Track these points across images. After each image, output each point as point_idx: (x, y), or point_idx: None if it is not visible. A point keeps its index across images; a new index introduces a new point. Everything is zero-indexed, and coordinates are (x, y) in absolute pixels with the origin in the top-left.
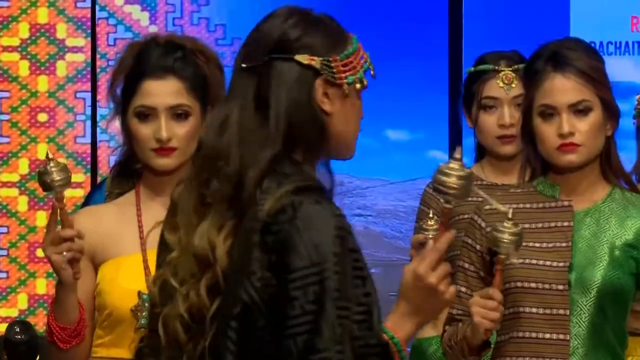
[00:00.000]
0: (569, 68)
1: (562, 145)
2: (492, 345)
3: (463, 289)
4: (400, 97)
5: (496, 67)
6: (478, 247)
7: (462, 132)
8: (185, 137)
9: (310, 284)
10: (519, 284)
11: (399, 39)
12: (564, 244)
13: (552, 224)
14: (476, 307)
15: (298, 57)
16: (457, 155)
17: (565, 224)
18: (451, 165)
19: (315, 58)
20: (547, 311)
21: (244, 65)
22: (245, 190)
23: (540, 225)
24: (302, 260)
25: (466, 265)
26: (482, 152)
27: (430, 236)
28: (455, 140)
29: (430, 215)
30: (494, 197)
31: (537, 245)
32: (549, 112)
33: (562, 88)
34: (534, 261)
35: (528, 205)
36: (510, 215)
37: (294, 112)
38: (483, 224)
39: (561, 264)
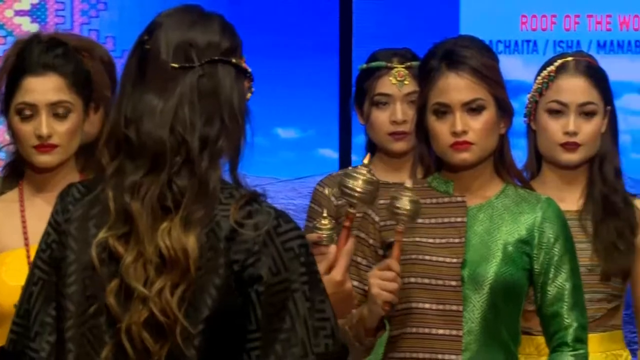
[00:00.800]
0: (463, 66)
1: (456, 144)
2: (387, 329)
3: (356, 283)
4: (290, 95)
5: (389, 64)
6: (371, 241)
7: (351, 130)
8: (66, 134)
9: (275, 294)
10: (412, 280)
11: (288, 37)
12: (457, 240)
13: (446, 220)
14: (374, 279)
15: (234, 60)
16: (366, 161)
17: (459, 219)
18: (360, 170)
19: (242, 61)
20: (440, 307)
21: (175, 65)
22: (209, 188)
23: (433, 220)
24: (267, 270)
25: (359, 260)
26: (373, 149)
27: (324, 236)
28: (345, 139)
29: (324, 214)
30: (389, 192)
31: (431, 241)
32: (443, 110)
33: (456, 86)
34: (427, 257)
35: (422, 201)
36: (408, 185)
37: (237, 112)
38: (377, 218)
39: (454, 260)
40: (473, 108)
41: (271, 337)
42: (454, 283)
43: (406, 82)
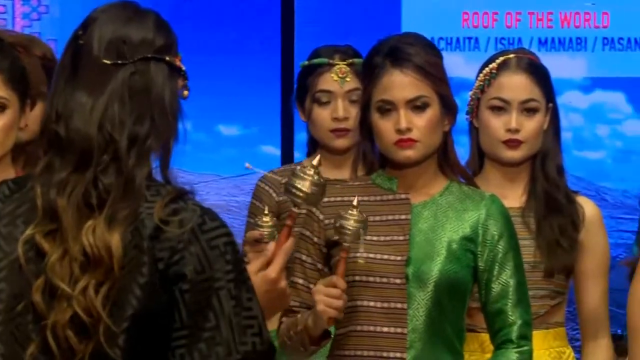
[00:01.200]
0: (407, 64)
1: (400, 141)
2: (332, 335)
3: (300, 281)
4: (232, 92)
5: (330, 61)
6: (316, 239)
7: (294, 127)
8: (2, 130)
9: (200, 292)
10: (357, 278)
11: (230, 33)
12: (401, 238)
13: (390, 217)
14: (320, 296)
15: (168, 58)
16: (315, 162)
17: (403, 217)
18: (308, 171)
19: (177, 59)
20: (385, 305)
21: (107, 61)
22: (135, 186)
23: (378, 218)
24: (191, 269)
25: (304, 258)
26: (314, 146)
27: (266, 233)
28: (287, 135)
29: (266, 212)
30: (333, 190)
31: (375, 238)
32: (387, 108)
33: (400, 83)
34: (372, 255)
35: (366, 198)
36: (355, 203)
37: (168, 111)
38: (321, 217)
39: (399, 258)
40: (417, 105)
41: (196, 336)
42: (398, 281)
43: (348, 79)
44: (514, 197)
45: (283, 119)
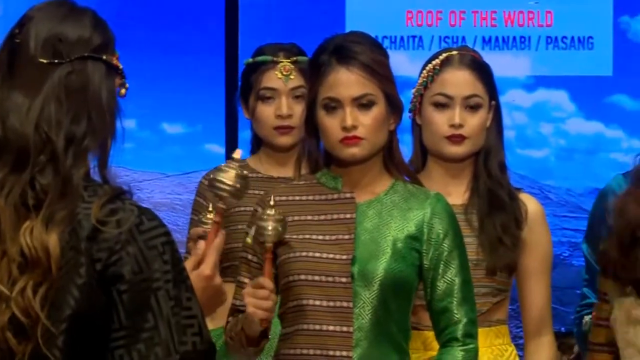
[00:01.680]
0: (353, 62)
1: (345, 139)
2: (269, 336)
3: (246, 281)
4: (176, 90)
5: (275, 59)
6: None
7: (238, 125)
8: None
9: (138, 293)
10: (302, 277)
11: (174, 31)
12: (346, 237)
13: (335, 216)
14: (249, 297)
15: (105, 57)
16: (236, 156)
17: (348, 216)
18: (230, 164)
19: (115, 58)
20: (331, 304)
21: (43, 60)
22: (73, 186)
23: (323, 217)
24: (129, 269)
25: (249, 257)
26: (259, 144)
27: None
28: (231, 133)
29: (210, 209)
30: (279, 189)
31: (320, 237)
32: (333, 105)
33: (346, 81)
34: (317, 254)
35: (311, 197)
36: (272, 203)
37: (106, 110)
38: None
39: (344, 257)
40: (363, 103)
41: (134, 337)
42: (344, 280)
43: (292, 77)
44: (457, 195)
45: (227, 117)
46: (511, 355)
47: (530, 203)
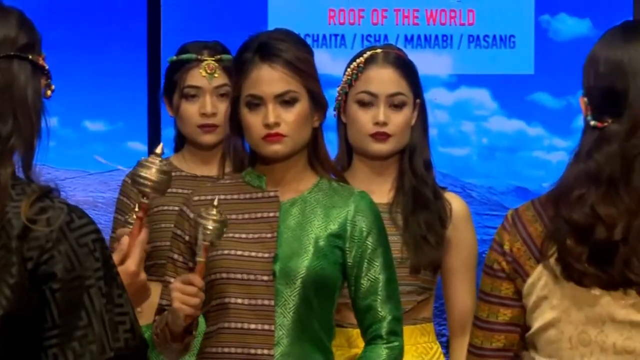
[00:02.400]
0: (276, 59)
1: (268, 136)
2: (194, 333)
3: (172, 280)
4: (97, 88)
5: (199, 57)
6: (187, 237)
7: (160, 123)
8: None
9: (71, 291)
10: (224, 275)
11: (95, 29)
12: (269, 235)
13: (259, 215)
14: (176, 293)
15: (31, 57)
16: (158, 151)
17: (271, 214)
18: (152, 159)
19: (41, 58)
20: (253, 302)
21: None
22: (0, 186)
23: (246, 216)
24: (61, 267)
25: (175, 256)
26: (182, 142)
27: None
28: (154, 131)
29: (136, 209)
30: (204, 188)
31: (244, 236)
32: (256, 102)
33: (269, 78)
34: (240, 252)
35: (235, 196)
36: (215, 203)
37: (31, 110)
38: (192, 215)
39: (266, 255)
40: (286, 100)
41: (68, 335)
42: (265, 278)
43: (216, 75)
44: (382, 193)
45: (150, 114)
46: (436, 353)
47: (455, 202)
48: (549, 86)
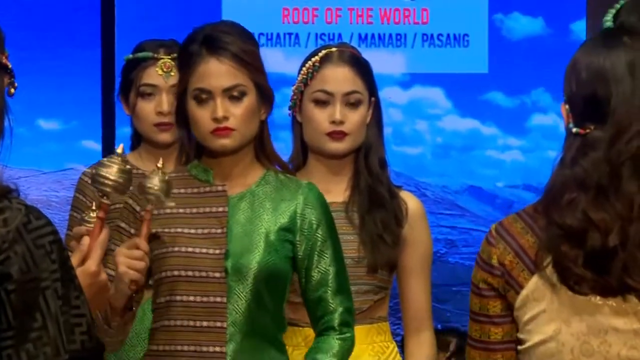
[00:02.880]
0: (224, 52)
1: (217, 130)
2: (135, 308)
3: (113, 273)
4: (52, 86)
5: (155, 55)
6: (132, 230)
7: (115, 122)
8: None
9: (26, 292)
10: (175, 273)
11: (49, 27)
12: (219, 231)
13: (207, 210)
14: (121, 257)
15: None
16: (119, 150)
17: (220, 209)
18: (112, 159)
19: (4, 57)
20: (204, 299)
21: None
22: None
23: (195, 210)
24: (17, 268)
25: (122, 225)
26: (139, 140)
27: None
28: (108, 130)
29: (94, 207)
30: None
31: (192, 231)
32: (204, 97)
33: (217, 72)
34: (190, 249)
35: (182, 190)
36: (159, 165)
37: None
38: (137, 208)
39: (217, 251)
40: (234, 95)
41: (23, 336)
42: (217, 275)
43: (172, 74)
44: (338, 192)
45: (104, 113)
46: (392, 352)
47: (410, 201)
48: (502, 85)
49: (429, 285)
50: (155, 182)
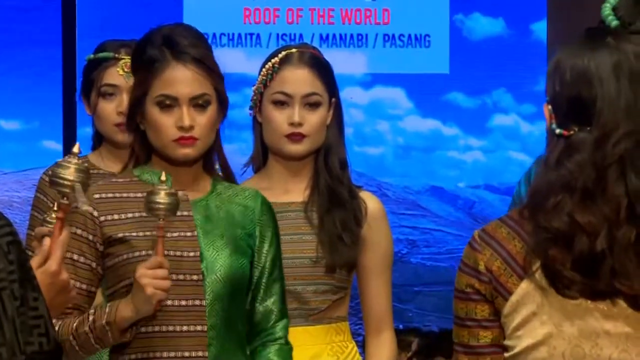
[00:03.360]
0: (188, 58)
1: (182, 139)
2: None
3: (73, 282)
4: (12, 87)
5: (116, 55)
6: (91, 237)
7: (76, 122)
8: None
9: None
10: None
11: (9, 27)
12: (189, 234)
13: None
14: (147, 279)
15: None
16: (75, 150)
17: (185, 213)
18: (69, 159)
19: None
20: (184, 303)
21: None
22: None
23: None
24: None
25: (75, 257)
26: (100, 140)
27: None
28: (69, 130)
29: (55, 208)
30: (100, 186)
31: (168, 235)
32: (168, 102)
33: (184, 79)
34: (166, 252)
35: (132, 195)
36: (163, 178)
37: None
38: (96, 213)
39: (192, 254)
40: (199, 103)
41: None
42: (195, 277)
43: None
44: (298, 192)
45: (65, 113)
46: (352, 352)
47: (370, 201)
48: (464, 86)
49: (389, 286)
50: (162, 197)
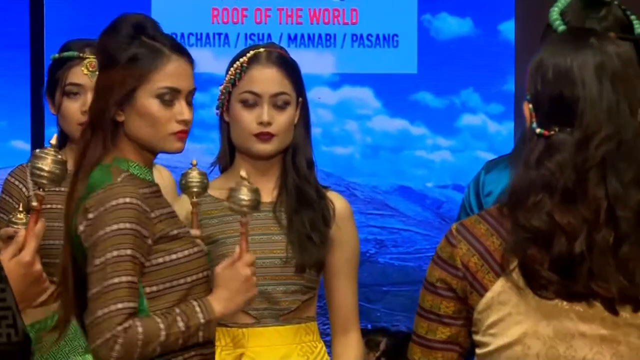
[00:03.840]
0: (185, 51)
1: (180, 132)
2: None
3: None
4: None
5: (81, 54)
6: (147, 234)
7: (44, 121)
8: None
9: None
10: (201, 275)
11: None
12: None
13: (170, 210)
14: (254, 278)
15: None
16: (52, 142)
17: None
18: (46, 150)
19: None
20: None
21: None
22: None
23: (164, 211)
24: None
25: (137, 255)
26: (65, 140)
27: (21, 230)
28: (37, 130)
29: (20, 209)
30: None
31: (175, 232)
32: (168, 97)
33: (186, 73)
34: (196, 249)
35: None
36: (243, 174)
37: None
38: (147, 209)
39: (204, 249)
40: (189, 99)
41: None
42: (207, 273)
43: (98, 73)
44: (266, 192)
45: (33, 113)
46: (320, 352)
47: (337, 201)
48: (432, 85)
49: (355, 286)
50: (245, 193)
